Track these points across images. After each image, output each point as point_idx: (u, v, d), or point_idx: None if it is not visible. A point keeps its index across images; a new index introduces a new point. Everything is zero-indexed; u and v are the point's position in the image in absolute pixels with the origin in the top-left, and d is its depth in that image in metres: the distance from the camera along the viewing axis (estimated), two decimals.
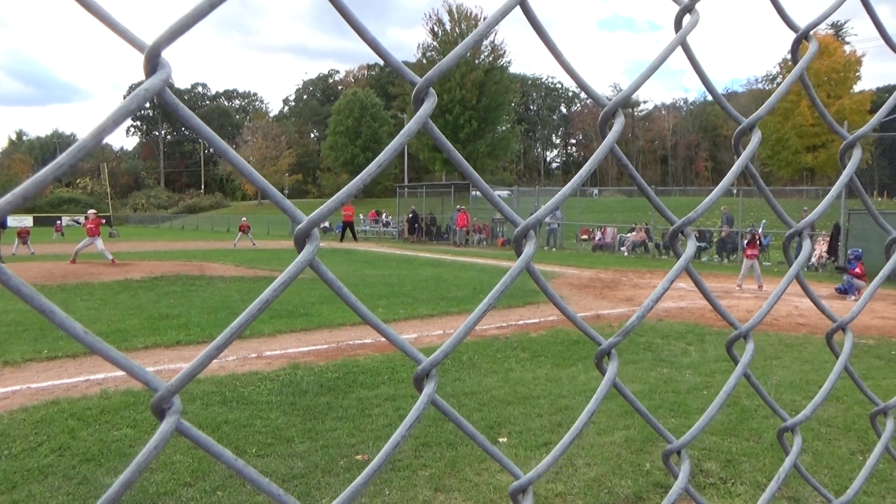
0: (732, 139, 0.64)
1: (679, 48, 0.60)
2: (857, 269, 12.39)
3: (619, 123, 0.57)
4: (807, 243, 0.70)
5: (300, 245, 0.45)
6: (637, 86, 0.57)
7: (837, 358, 0.74)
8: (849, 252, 12.18)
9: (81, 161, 0.36)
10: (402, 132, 0.46)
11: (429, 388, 0.51)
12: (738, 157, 0.64)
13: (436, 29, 51.02)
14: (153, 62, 0.38)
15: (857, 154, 0.72)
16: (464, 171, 0.53)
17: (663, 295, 0.57)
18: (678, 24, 0.62)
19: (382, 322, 0.53)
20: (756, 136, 0.65)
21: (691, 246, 0.63)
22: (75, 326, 0.38)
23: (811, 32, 0.68)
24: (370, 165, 0.46)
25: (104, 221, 19.48)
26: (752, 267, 13.21)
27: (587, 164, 0.54)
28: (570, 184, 0.57)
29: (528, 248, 0.55)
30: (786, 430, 0.71)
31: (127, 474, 0.37)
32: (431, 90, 0.48)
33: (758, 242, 13.95)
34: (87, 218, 19.47)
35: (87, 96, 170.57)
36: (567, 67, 0.55)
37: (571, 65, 0.55)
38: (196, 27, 0.41)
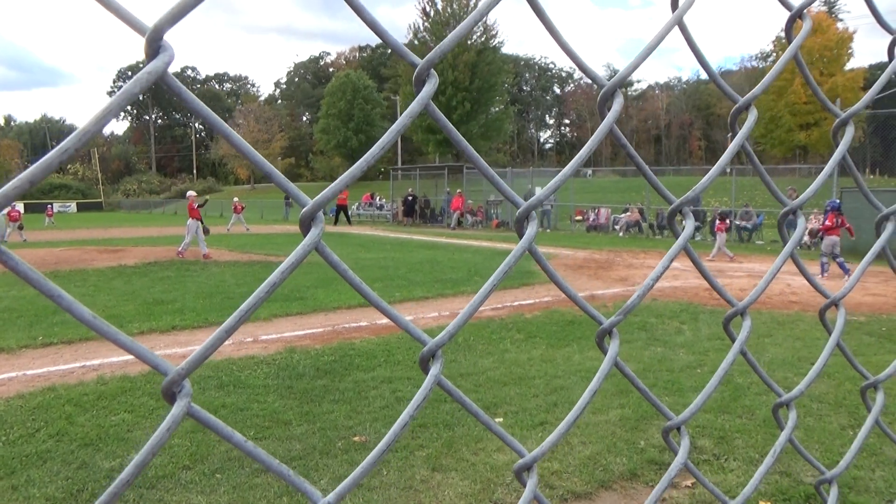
0: (729, 118, 0.64)
1: (675, 28, 0.60)
2: (828, 222, 11.53)
3: (617, 104, 0.57)
4: (801, 221, 0.71)
5: (306, 228, 0.45)
6: (634, 66, 0.57)
7: (830, 334, 0.75)
8: (826, 203, 11.66)
9: (84, 146, 0.36)
10: (404, 114, 0.46)
11: (435, 369, 0.51)
12: (735, 136, 0.65)
13: (427, 9, 50.44)
14: (155, 45, 0.38)
15: (849, 132, 0.72)
16: (465, 152, 0.53)
17: (663, 274, 0.58)
18: (675, 3, 0.62)
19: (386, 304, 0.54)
20: (752, 115, 0.65)
21: (689, 225, 0.64)
22: (83, 311, 0.38)
23: (805, 11, 0.68)
24: (373, 148, 0.46)
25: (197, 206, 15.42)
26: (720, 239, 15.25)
27: (586, 145, 0.55)
28: (569, 165, 0.58)
29: (530, 230, 0.55)
30: (780, 406, 0.73)
31: (141, 456, 0.37)
32: (433, 71, 0.48)
33: (727, 220, 15.66)
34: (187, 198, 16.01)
35: (72, 80, 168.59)
36: (565, 47, 0.56)
37: (570, 45, 0.55)
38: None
